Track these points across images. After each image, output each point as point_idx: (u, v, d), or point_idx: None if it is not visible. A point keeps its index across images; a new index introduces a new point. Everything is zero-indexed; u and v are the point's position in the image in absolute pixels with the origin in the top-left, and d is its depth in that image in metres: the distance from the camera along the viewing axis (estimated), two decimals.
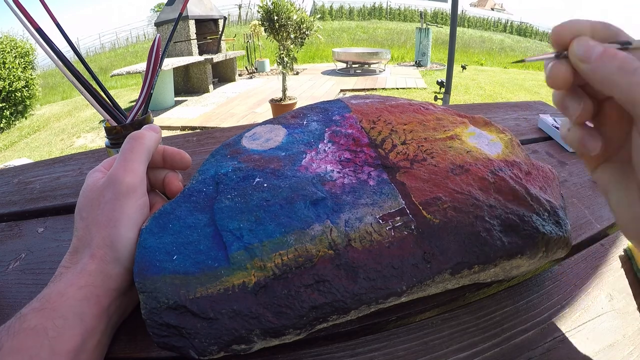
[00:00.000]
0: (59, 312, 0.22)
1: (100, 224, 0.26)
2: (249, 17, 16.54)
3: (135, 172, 0.27)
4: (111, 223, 0.25)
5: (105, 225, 0.25)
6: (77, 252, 0.26)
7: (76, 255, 0.25)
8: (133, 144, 0.29)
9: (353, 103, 0.40)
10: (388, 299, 0.24)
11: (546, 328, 0.27)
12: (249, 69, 7.04)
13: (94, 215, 0.26)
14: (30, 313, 0.22)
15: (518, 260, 0.26)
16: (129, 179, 0.27)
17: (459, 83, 5.76)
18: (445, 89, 3.44)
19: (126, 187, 0.26)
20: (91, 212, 0.26)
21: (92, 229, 0.26)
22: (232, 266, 0.24)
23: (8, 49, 5.77)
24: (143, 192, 0.28)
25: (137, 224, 0.26)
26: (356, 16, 19.13)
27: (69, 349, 0.21)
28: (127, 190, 0.26)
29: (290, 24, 3.51)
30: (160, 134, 0.32)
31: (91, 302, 0.23)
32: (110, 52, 15.30)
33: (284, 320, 0.22)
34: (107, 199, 0.26)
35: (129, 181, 0.27)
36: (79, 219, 0.27)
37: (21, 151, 4.18)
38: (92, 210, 0.26)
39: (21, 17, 0.35)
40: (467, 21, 18.32)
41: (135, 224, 0.26)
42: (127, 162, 0.28)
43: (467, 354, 0.25)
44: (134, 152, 0.28)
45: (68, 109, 5.94)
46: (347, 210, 0.27)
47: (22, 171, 0.56)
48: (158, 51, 0.43)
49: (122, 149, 0.29)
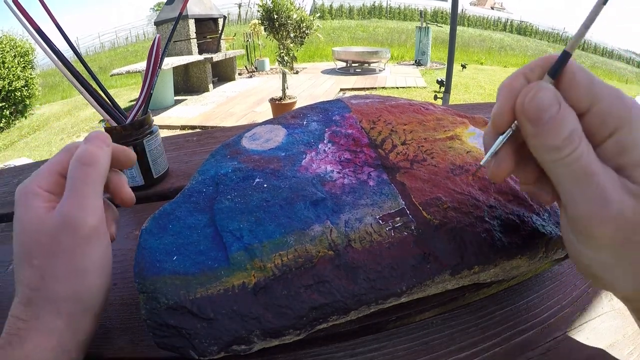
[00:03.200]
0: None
1: (60, 277, 0.22)
2: (249, 16, 16.52)
3: (94, 210, 0.23)
4: (75, 275, 0.22)
5: (68, 278, 0.22)
6: (32, 303, 0.22)
7: (31, 308, 0.21)
8: (86, 172, 0.24)
9: (353, 103, 0.39)
10: (388, 300, 0.24)
11: (546, 328, 0.27)
12: (248, 68, 7.03)
13: (51, 265, 0.22)
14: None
15: (518, 260, 0.26)
16: (89, 221, 0.23)
17: (458, 82, 5.76)
18: (445, 88, 3.43)
19: (88, 231, 0.23)
20: (45, 261, 0.22)
21: (50, 281, 0.22)
22: (232, 267, 0.24)
23: (7, 49, 5.76)
24: (104, 231, 0.24)
25: (104, 269, 0.23)
26: (356, 15, 19.11)
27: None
28: (90, 234, 0.23)
29: (290, 22, 3.51)
30: (111, 144, 0.27)
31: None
32: (110, 51, 15.29)
33: (284, 321, 0.22)
34: (65, 247, 0.22)
35: (90, 223, 0.23)
36: (27, 266, 0.22)
37: (21, 151, 4.17)
38: (46, 258, 0.22)
39: (21, 17, 0.35)
40: (467, 20, 18.30)
41: (102, 270, 0.23)
42: (82, 199, 0.23)
43: (467, 354, 0.25)
44: (89, 184, 0.24)
45: (68, 108, 5.93)
46: (347, 210, 0.27)
47: (22, 171, 0.56)
48: (158, 51, 0.43)
49: (72, 178, 0.24)
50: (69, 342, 0.22)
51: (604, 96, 0.18)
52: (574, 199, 0.19)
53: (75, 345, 0.22)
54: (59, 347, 0.21)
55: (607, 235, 0.18)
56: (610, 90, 0.18)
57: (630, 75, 9.51)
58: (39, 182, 0.24)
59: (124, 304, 0.29)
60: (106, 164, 0.25)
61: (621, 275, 0.19)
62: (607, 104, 0.18)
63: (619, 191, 0.18)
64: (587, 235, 0.19)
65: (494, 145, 0.21)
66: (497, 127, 0.21)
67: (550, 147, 0.18)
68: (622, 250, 0.18)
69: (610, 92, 0.18)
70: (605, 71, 9.97)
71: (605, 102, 0.18)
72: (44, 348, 0.21)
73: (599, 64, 11.59)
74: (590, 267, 0.20)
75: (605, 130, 0.18)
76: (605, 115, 0.18)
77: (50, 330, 0.21)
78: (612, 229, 0.18)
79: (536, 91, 0.19)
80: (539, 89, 0.19)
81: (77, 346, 0.22)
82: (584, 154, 0.18)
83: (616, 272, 0.19)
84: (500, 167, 0.21)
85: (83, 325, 0.23)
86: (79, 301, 0.22)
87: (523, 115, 0.19)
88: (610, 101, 0.18)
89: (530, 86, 0.19)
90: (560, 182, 0.19)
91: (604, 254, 0.19)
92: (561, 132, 0.18)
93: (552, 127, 0.18)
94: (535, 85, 0.19)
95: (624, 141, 0.18)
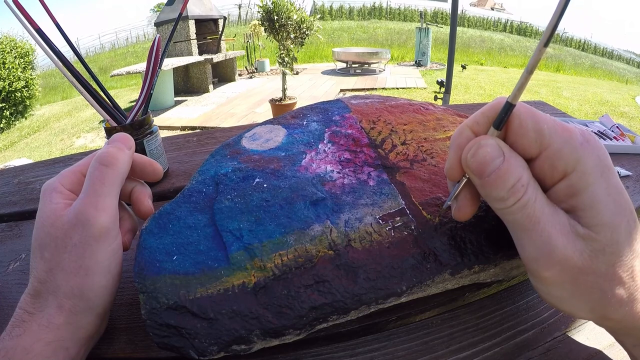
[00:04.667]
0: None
1: (67, 271, 0.22)
2: (249, 17, 16.54)
3: (107, 210, 0.24)
4: (81, 271, 0.22)
5: (74, 274, 0.22)
6: (39, 295, 0.22)
7: (39, 300, 0.22)
8: (104, 173, 0.24)
9: (353, 103, 0.39)
10: (388, 299, 0.24)
11: (546, 328, 0.27)
12: (248, 68, 7.04)
13: (59, 260, 0.22)
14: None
15: (518, 260, 0.26)
16: (101, 220, 0.23)
17: (459, 83, 5.76)
18: (445, 89, 3.44)
19: (99, 230, 0.23)
20: (55, 254, 0.23)
21: (58, 274, 0.22)
22: (232, 266, 0.24)
23: (8, 49, 5.77)
24: (116, 232, 0.24)
25: (110, 270, 0.24)
26: (356, 16, 19.13)
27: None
28: (100, 233, 0.23)
29: (290, 23, 3.51)
30: (134, 147, 0.27)
31: (59, 357, 0.21)
32: (110, 52, 15.30)
33: (284, 321, 0.22)
34: (75, 242, 0.23)
35: (101, 223, 0.23)
36: (39, 258, 0.23)
37: (21, 151, 4.18)
38: (56, 252, 0.23)
39: (21, 18, 0.35)
40: (467, 21, 18.31)
41: (109, 270, 0.24)
42: (98, 198, 0.24)
43: (467, 354, 0.25)
44: (106, 184, 0.24)
45: (68, 109, 5.94)
46: (347, 210, 0.27)
47: (22, 171, 0.56)
48: (158, 51, 0.43)
49: (90, 177, 0.24)
50: (68, 339, 0.22)
51: (552, 141, 0.19)
52: (521, 243, 0.20)
53: (74, 342, 0.22)
54: (57, 342, 0.21)
55: (554, 276, 0.19)
56: (560, 133, 0.19)
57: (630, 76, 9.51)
58: (62, 180, 0.25)
59: (123, 304, 0.29)
60: (125, 166, 0.26)
61: (578, 306, 0.20)
62: (556, 149, 0.19)
63: (565, 235, 0.18)
64: (537, 276, 0.20)
65: (452, 191, 0.23)
66: (450, 178, 0.22)
67: (496, 197, 0.19)
68: (574, 288, 0.19)
69: (560, 135, 0.19)
70: (605, 71, 9.96)
71: (554, 147, 0.19)
72: (42, 342, 0.21)
73: (599, 64, 11.59)
74: (548, 299, 0.21)
75: (556, 174, 0.19)
76: (554, 160, 0.19)
77: (50, 323, 0.21)
78: (557, 271, 0.19)
79: (477, 147, 0.19)
80: (480, 145, 0.19)
81: (77, 344, 0.22)
82: (530, 201, 0.19)
83: (573, 304, 0.20)
84: (460, 210, 0.22)
85: (84, 323, 0.23)
86: (82, 298, 0.22)
87: (468, 169, 0.20)
88: (559, 146, 0.19)
89: (473, 141, 0.20)
90: (509, 227, 0.20)
91: (557, 291, 0.20)
92: (505, 184, 0.19)
93: (495, 179, 0.19)
94: (478, 140, 0.20)
95: (574, 184, 0.18)
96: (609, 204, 0.18)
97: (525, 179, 0.19)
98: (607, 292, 0.18)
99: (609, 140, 0.52)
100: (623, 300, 0.18)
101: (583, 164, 0.18)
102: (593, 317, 0.20)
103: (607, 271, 0.18)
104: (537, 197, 0.19)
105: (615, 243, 0.18)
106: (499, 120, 0.19)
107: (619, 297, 0.18)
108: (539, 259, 0.19)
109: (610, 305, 0.19)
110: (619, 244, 0.18)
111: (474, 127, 0.21)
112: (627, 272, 0.18)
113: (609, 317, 0.19)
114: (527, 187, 0.19)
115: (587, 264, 0.18)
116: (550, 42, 0.17)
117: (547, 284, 0.20)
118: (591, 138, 0.19)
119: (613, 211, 0.18)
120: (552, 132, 0.19)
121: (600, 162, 0.18)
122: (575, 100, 5.27)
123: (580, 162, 0.18)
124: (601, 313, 0.19)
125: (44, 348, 0.21)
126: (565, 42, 16.23)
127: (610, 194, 0.18)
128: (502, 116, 0.19)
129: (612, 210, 0.18)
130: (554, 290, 0.20)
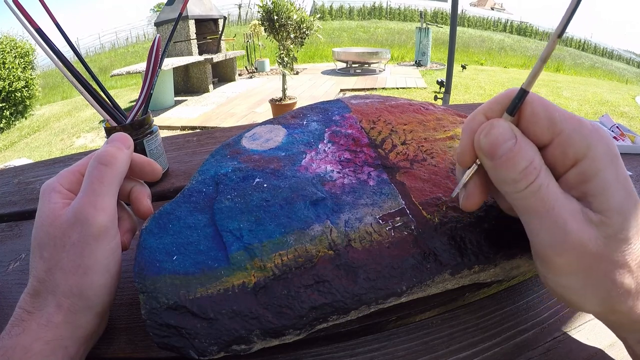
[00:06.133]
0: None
1: (66, 270, 0.22)
2: (249, 16, 16.54)
3: (106, 209, 0.24)
4: (80, 270, 0.22)
5: (72, 273, 0.22)
6: (38, 295, 0.22)
7: (38, 299, 0.22)
8: (103, 172, 0.24)
9: (353, 103, 0.39)
10: (388, 299, 0.24)
11: (546, 328, 0.27)
12: (248, 68, 7.04)
13: (58, 259, 0.23)
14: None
15: (518, 260, 0.26)
16: (100, 219, 0.23)
17: (459, 83, 5.76)
18: (445, 89, 3.44)
19: (97, 229, 0.23)
20: (54, 253, 0.23)
21: (57, 274, 0.22)
22: (232, 266, 0.24)
23: (8, 49, 5.77)
24: (115, 231, 0.25)
25: (109, 269, 0.24)
26: (356, 16, 19.12)
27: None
28: (98, 232, 0.23)
29: (290, 23, 3.51)
30: (132, 146, 0.27)
31: (58, 356, 0.21)
32: (110, 52, 15.29)
33: (284, 321, 0.22)
34: (73, 241, 0.23)
35: (100, 222, 0.23)
36: (38, 258, 0.23)
37: (21, 151, 4.18)
38: (55, 251, 0.23)
39: (21, 17, 0.35)
40: (467, 21, 18.31)
41: (108, 270, 0.24)
42: (96, 197, 0.24)
43: (467, 354, 0.25)
44: (104, 183, 0.24)
45: (68, 109, 5.94)
46: (347, 210, 0.27)
47: (22, 171, 0.56)
48: (158, 51, 0.43)
49: (89, 176, 0.24)
50: (67, 338, 0.22)
51: (563, 128, 0.19)
52: (534, 229, 0.20)
53: (74, 341, 0.22)
54: (56, 341, 0.21)
55: (567, 264, 0.19)
56: (571, 121, 0.19)
57: (630, 76, 9.51)
58: (61, 180, 0.25)
59: (123, 304, 0.29)
60: (124, 165, 0.26)
61: (588, 297, 0.20)
62: (566, 136, 0.19)
63: (579, 221, 0.18)
64: (549, 263, 0.20)
65: (462, 178, 0.22)
66: (462, 164, 0.22)
67: (507, 179, 0.19)
68: (586, 277, 0.19)
69: (571, 123, 0.19)
70: (605, 71, 9.96)
71: (565, 134, 0.19)
72: (41, 340, 0.21)
73: (599, 64, 11.58)
74: (556, 290, 0.21)
75: (567, 161, 0.19)
76: (565, 147, 0.19)
77: (49, 322, 0.22)
78: (572, 258, 0.18)
79: (490, 127, 0.20)
80: (493, 125, 0.20)
81: (76, 343, 0.22)
82: (542, 185, 0.19)
83: (582, 295, 0.20)
84: (468, 199, 0.22)
85: (83, 322, 0.23)
86: (80, 297, 0.22)
87: (480, 151, 0.20)
88: (570, 133, 0.19)
89: (487, 123, 0.20)
90: (521, 213, 0.20)
91: (568, 280, 0.20)
92: (517, 165, 0.19)
93: (508, 160, 0.19)
94: (491, 122, 0.20)
95: (585, 171, 0.19)
96: (619, 190, 0.18)
97: (537, 162, 0.19)
98: (616, 281, 0.18)
99: None
100: (631, 291, 0.18)
101: (594, 150, 0.18)
102: (601, 309, 0.20)
103: (618, 259, 0.18)
104: (550, 183, 0.19)
105: (625, 229, 0.18)
106: (513, 106, 0.19)
107: (628, 287, 0.18)
108: (553, 245, 0.19)
109: (619, 295, 0.19)
110: (629, 230, 0.18)
111: (488, 113, 0.21)
112: (635, 260, 0.18)
113: (616, 310, 0.19)
114: (539, 171, 0.19)
115: (601, 251, 0.18)
116: (564, 34, 0.17)
117: (559, 272, 0.19)
118: (599, 127, 0.19)
119: (623, 196, 0.18)
120: (563, 119, 0.19)
121: (609, 149, 0.19)
122: (575, 100, 5.27)
123: (591, 148, 0.18)
124: (609, 304, 0.19)
125: (43, 347, 0.21)
126: (565, 42, 16.21)
127: (620, 181, 0.18)
128: (516, 102, 0.19)
129: (622, 196, 0.18)
130: (564, 280, 0.20)
